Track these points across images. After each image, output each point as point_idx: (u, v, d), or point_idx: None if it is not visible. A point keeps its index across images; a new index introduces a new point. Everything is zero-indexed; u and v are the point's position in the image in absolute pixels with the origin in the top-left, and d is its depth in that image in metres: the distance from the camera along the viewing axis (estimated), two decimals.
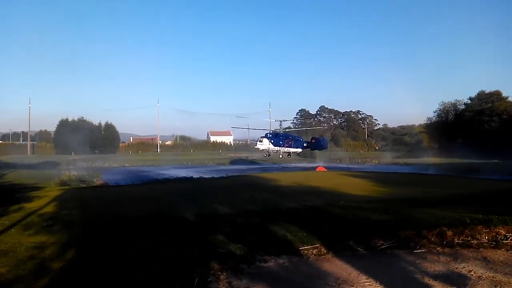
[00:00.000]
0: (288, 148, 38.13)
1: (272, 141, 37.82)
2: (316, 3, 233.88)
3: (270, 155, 41.53)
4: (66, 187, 24.83)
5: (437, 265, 6.99)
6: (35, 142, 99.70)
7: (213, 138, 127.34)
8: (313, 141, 39.57)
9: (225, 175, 34.87)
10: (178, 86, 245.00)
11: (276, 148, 38.10)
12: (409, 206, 13.33)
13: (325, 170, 42.17)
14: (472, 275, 6.44)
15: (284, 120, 38.89)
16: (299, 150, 40.02)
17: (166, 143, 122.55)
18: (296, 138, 39.61)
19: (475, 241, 8.28)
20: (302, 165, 62.42)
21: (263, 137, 38.83)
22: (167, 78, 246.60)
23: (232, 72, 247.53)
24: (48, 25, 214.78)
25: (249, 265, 7.03)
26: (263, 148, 39.20)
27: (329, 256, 7.63)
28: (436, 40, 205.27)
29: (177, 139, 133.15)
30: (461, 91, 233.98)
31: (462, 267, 6.84)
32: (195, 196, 18.18)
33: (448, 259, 7.31)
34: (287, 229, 9.49)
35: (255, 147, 43.06)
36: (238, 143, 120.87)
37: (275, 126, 40.14)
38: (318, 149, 45.67)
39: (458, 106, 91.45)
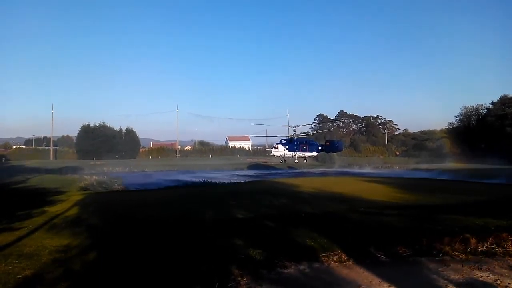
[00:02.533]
0: (303, 153, 38.33)
1: (287, 147, 38.08)
2: (335, 7, 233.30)
3: (286, 161, 41.76)
4: (87, 192, 25.26)
5: (461, 273, 6.82)
6: (57, 147, 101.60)
7: (231, 143, 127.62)
8: (328, 144, 39.60)
9: (243, 181, 34.87)
10: (197, 91, 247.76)
11: (292, 153, 38.29)
12: (431, 212, 13.10)
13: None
14: (498, 284, 6.25)
15: (297, 126, 39.00)
16: (315, 154, 40.15)
17: (185, 148, 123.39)
18: (311, 142, 39.64)
19: (500, 249, 8.05)
20: (320, 170, 61.91)
21: (277, 143, 39.19)
22: (186, 84, 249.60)
23: (251, 77, 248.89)
24: (71, 32, 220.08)
25: (269, 271, 7.00)
26: (279, 155, 39.49)
27: (350, 263, 7.53)
28: (457, 43, 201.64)
29: (196, 144, 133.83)
30: (483, 95, 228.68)
31: (487, 276, 6.66)
32: (215, 201, 18.23)
33: (472, 267, 7.13)
34: (307, 235, 9.41)
35: (271, 154, 43.37)
36: (257, 148, 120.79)
37: (291, 132, 40.23)
38: (333, 152, 45.32)
39: (480, 111, 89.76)
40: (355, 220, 11.76)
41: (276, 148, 39.42)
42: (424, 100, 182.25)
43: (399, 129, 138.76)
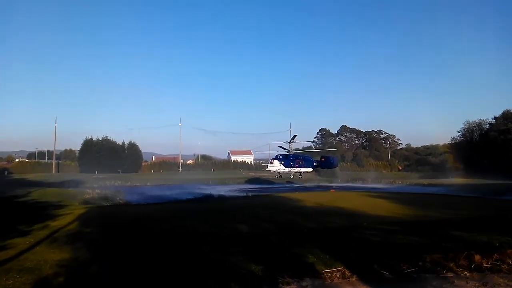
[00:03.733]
0: (299, 168, 38.75)
1: (282, 162, 38.67)
2: (339, 21, 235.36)
3: (281, 176, 42.17)
4: (89, 206, 25.20)
5: None
6: (60, 161, 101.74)
7: (234, 158, 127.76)
8: (323, 159, 40.07)
9: (245, 195, 34.79)
10: (200, 105, 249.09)
11: (287, 169, 38.71)
12: (435, 228, 12.99)
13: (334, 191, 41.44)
14: None
15: (292, 142, 39.40)
16: (310, 169, 40.56)
17: (188, 162, 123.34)
18: (306, 158, 40.13)
19: (505, 266, 7.96)
20: (323, 184, 61.72)
21: (273, 159, 39.80)
22: (189, 98, 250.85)
23: (254, 91, 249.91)
24: (75, 45, 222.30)
25: (270, 287, 6.93)
26: (274, 170, 39.99)
27: (354, 279, 7.46)
28: (460, 58, 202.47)
29: (198, 158, 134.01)
30: (485, 110, 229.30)
31: None
32: (216, 215, 18.16)
33: (477, 284, 7.05)
34: (310, 251, 9.34)
35: (267, 169, 43.76)
36: (259, 163, 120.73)
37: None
38: (328, 168, 45.70)
39: (483, 126, 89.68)
40: (358, 236, 11.66)
41: (272, 163, 40.15)
42: (426, 115, 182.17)
43: (401, 143, 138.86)
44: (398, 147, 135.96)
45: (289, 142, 39.15)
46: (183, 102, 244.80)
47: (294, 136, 40.90)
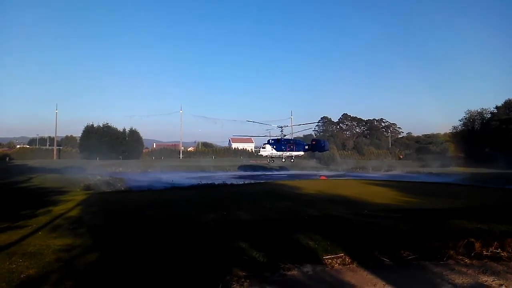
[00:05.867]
0: (290, 152, 39.12)
1: (274, 147, 38.98)
2: (340, 10, 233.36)
3: (274, 160, 42.81)
4: (91, 192, 25.25)
5: (465, 278, 6.80)
6: (61, 147, 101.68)
7: (234, 145, 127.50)
8: (314, 143, 40.54)
9: (245, 182, 34.86)
10: (200, 93, 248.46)
11: (279, 153, 39.10)
12: (435, 216, 13.04)
13: (326, 178, 41.63)
14: None
15: (285, 126, 39.70)
16: (301, 153, 41.13)
17: (188, 149, 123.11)
18: (298, 142, 40.49)
19: (505, 254, 8.01)
20: (323, 172, 61.82)
21: (265, 143, 40.06)
22: (190, 85, 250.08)
23: (255, 79, 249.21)
24: (76, 32, 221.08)
25: (273, 273, 6.99)
26: (266, 154, 40.36)
27: (354, 266, 7.51)
28: (462, 46, 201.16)
29: (199, 145, 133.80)
30: (487, 99, 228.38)
31: (492, 280, 6.63)
32: (218, 203, 18.19)
33: (476, 272, 7.10)
34: (311, 238, 9.39)
35: (259, 153, 44.20)
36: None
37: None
38: (319, 151, 46.15)
39: (485, 115, 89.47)
40: (359, 223, 11.71)
41: (264, 148, 40.49)
42: (428, 103, 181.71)
43: (402, 132, 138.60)
44: (399, 136, 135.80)
45: (281, 127, 39.31)
46: (184, 90, 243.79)
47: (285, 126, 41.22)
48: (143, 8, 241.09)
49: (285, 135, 39.67)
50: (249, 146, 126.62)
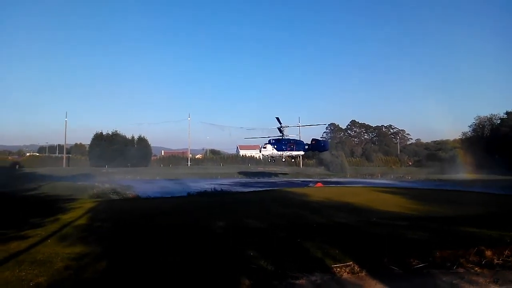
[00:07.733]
0: (291, 152, 39.20)
1: (275, 147, 39.06)
2: (347, 17, 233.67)
3: (275, 160, 42.98)
4: (99, 199, 25.38)
5: (475, 286, 6.70)
6: (70, 155, 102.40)
7: (242, 152, 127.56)
8: (314, 142, 40.44)
9: (253, 189, 34.87)
10: (208, 100, 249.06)
11: (280, 152, 39.16)
12: (445, 224, 12.88)
13: (322, 185, 41.00)
14: None
15: (286, 126, 39.67)
16: (302, 153, 41.30)
17: (196, 156, 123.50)
18: (298, 141, 40.55)
19: None
20: (332, 179, 61.57)
21: (266, 143, 40.16)
22: (198, 93, 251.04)
23: (262, 86, 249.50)
24: (86, 41, 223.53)
25: (280, 282, 6.93)
26: (267, 154, 40.47)
27: (363, 274, 7.43)
28: (471, 52, 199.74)
29: (207, 152, 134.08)
30: (497, 105, 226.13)
31: None
32: (225, 210, 18.20)
33: (487, 280, 6.99)
34: (319, 246, 9.32)
35: (260, 153, 44.40)
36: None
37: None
38: (320, 151, 46.29)
39: (494, 121, 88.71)
40: (368, 231, 11.62)
41: (265, 147, 40.52)
42: (437, 109, 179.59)
43: (411, 138, 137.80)
44: (408, 142, 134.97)
45: (280, 127, 39.32)
46: (192, 97, 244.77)
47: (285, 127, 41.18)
48: (152, 16, 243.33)
49: (286, 136, 39.83)
50: (257, 153, 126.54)
